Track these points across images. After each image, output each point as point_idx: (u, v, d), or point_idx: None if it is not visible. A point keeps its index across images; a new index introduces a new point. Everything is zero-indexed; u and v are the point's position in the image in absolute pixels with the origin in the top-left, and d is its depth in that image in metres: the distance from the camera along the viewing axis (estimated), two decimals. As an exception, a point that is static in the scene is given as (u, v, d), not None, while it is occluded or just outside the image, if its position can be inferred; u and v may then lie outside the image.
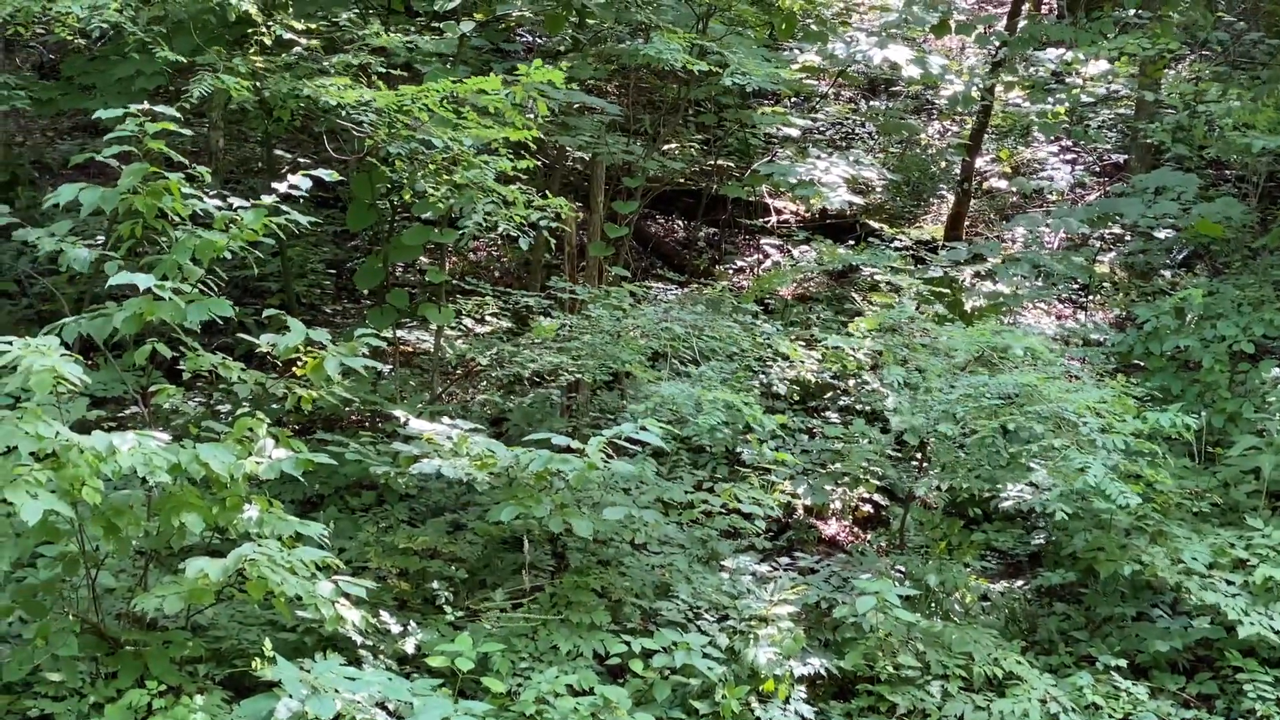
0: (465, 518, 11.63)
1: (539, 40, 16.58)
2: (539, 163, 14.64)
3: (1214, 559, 11.33)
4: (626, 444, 10.22)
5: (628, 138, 13.83)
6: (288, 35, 9.99)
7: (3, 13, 9.79)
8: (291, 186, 9.16)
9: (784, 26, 14.60)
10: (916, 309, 13.18)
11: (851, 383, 12.02)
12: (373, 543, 11.15)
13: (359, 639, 9.67)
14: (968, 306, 14.49)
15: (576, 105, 13.96)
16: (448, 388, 12.46)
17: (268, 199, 9.17)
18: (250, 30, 9.61)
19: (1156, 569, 11.07)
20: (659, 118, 14.31)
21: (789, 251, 18.06)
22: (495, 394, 12.40)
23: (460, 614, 10.30)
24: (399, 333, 13.99)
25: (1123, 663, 11.02)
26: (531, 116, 10.43)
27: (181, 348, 9.48)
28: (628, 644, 9.96)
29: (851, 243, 16.56)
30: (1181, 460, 12.61)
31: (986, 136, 19.30)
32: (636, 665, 9.91)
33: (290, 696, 8.55)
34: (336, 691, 8.65)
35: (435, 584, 10.45)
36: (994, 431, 10.80)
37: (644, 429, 9.81)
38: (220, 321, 9.24)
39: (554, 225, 10.71)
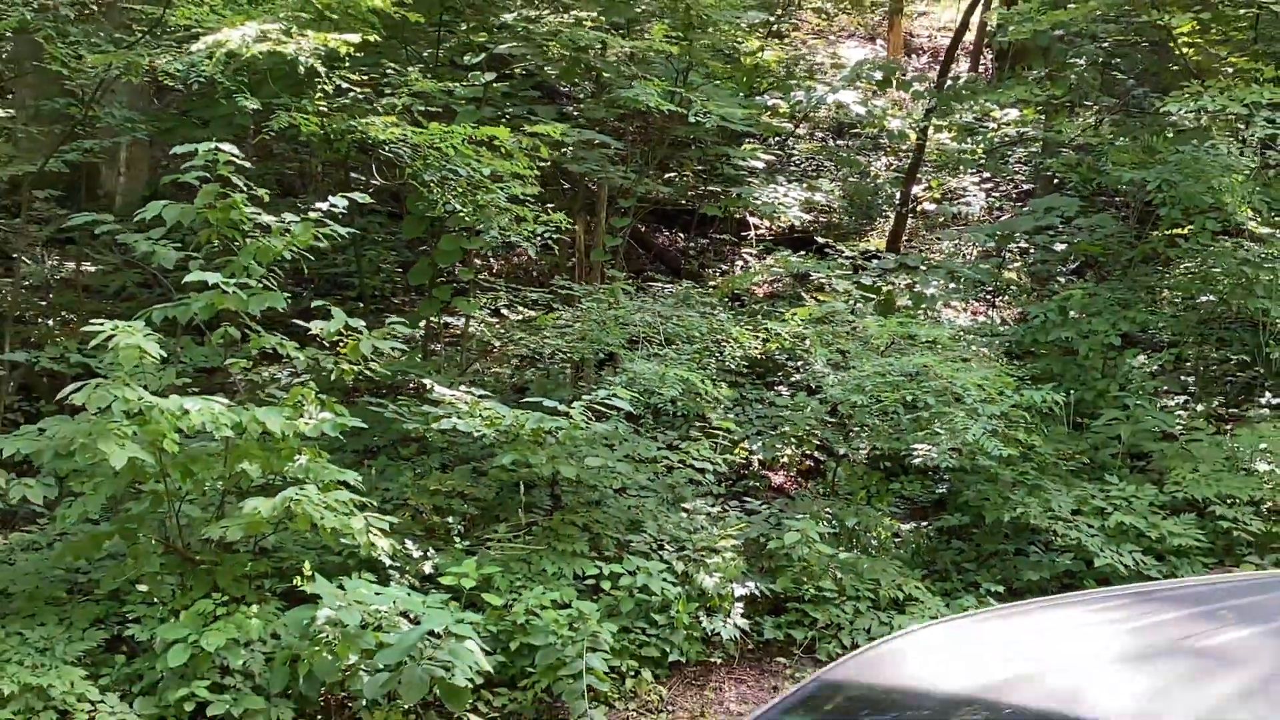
0: (485, 466, 11.51)
1: (563, 85, 16.41)
2: (562, 185, 14.62)
3: (1078, 507, 11.23)
4: (605, 408, 10.11)
5: (625, 166, 13.67)
6: (344, 84, 9.82)
7: (118, 65, 9.67)
8: (331, 205, 9.05)
9: (744, 79, 14.41)
10: (852, 306, 13.08)
11: (800, 362, 11.81)
12: (410, 484, 11.04)
13: (388, 561, 9.58)
14: (897, 305, 14.31)
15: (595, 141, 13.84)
16: (474, 362, 12.30)
17: (313, 214, 9.08)
18: (315, 79, 9.48)
19: (1030, 515, 10.92)
20: (649, 150, 14.12)
21: (760, 259, 17.90)
22: (509, 368, 12.22)
23: (471, 543, 10.21)
24: (446, 319, 13.91)
25: (1001, 589, 10.89)
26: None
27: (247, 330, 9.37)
28: (600, 569, 9.86)
29: (803, 253, 16.36)
30: (1060, 429, 12.48)
31: (922, 169, 19.10)
32: (606, 585, 9.80)
33: (326, 607, 8.53)
34: (362, 604, 8.59)
35: (451, 519, 10.36)
36: (896, 402, 10.67)
37: (615, 396, 9.73)
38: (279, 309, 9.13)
39: (556, 236, 10.61)
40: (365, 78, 10.69)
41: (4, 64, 12.09)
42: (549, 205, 11.49)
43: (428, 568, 9.78)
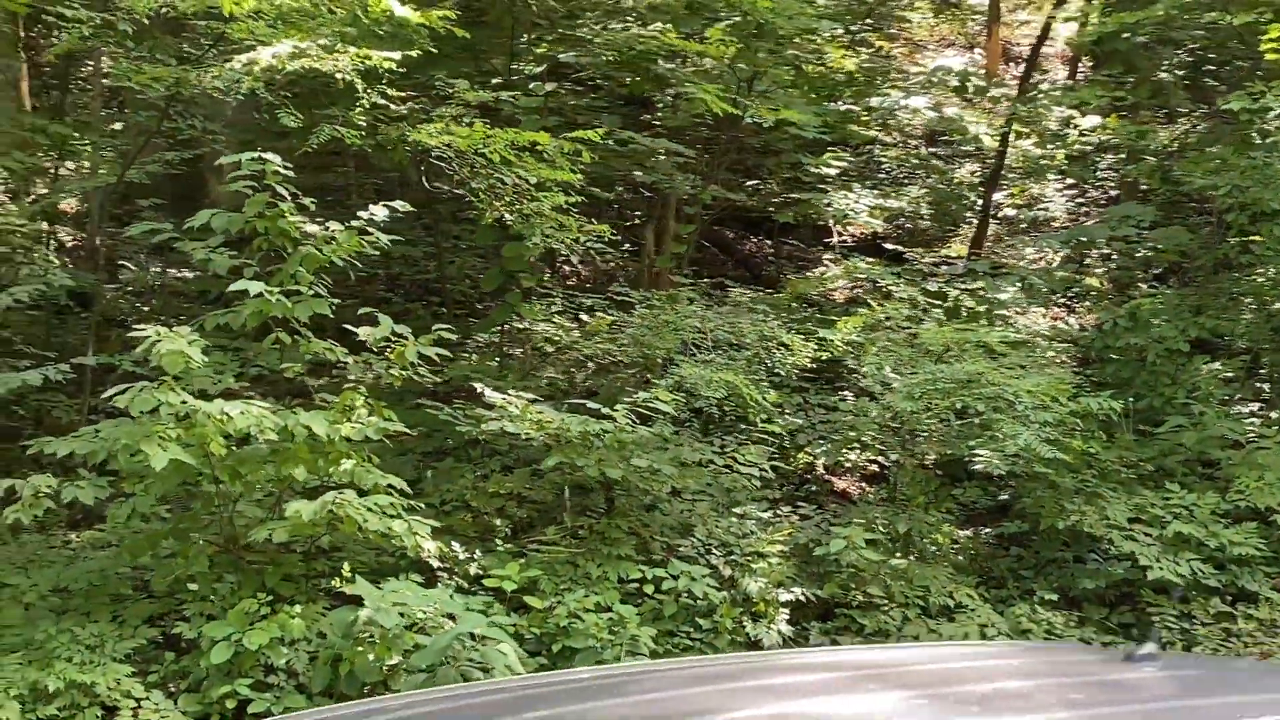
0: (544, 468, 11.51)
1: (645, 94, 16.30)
2: (629, 192, 14.57)
3: (1136, 515, 10.94)
4: (650, 412, 10.05)
5: (694, 174, 13.58)
6: (382, 99, 9.85)
7: (170, 80, 9.80)
8: (372, 214, 9.09)
9: (805, 86, 14.23)
10: (913, 312, 12.91)
11: (865, 367, 11.61)
12: (470, 486, 11.05)
13: (435, 564, 9.60)
14: (966, 311, 14.04)
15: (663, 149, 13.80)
16: (536, 366, 12.25)
17: (355, 223, 9.12)
18: (355, 94, 9.53)
19: (1086, 523, 10.67)
20: (716, 158, 14.01)
21: (841, 264, 17.68)
22: (584, 373, 12.14)
23: (521, 545, 10.20)
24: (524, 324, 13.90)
25: (1055, 596, 10.69)
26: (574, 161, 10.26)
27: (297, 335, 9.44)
28: (643, 572, 9.78)
29: (879, 260, 16.12)
30: (1126, 436, 12.18)
31: (1006, 176, 18.74)
32: (648, 589, 9.73)
33: (366, 608, 8.55)
34: (400, 605, 8.59)
35: (499, 521, 10.35)
36: (947, 409, 10.48)
37: (657, 399, 9.69)
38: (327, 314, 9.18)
39: (597, 245, 10.59)
40: (407, 92, 10.68)
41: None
42: (615, 211, 11.46)
43: (474, 569, 9.73)
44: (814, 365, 12.27)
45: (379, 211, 9.03)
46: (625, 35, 11.50)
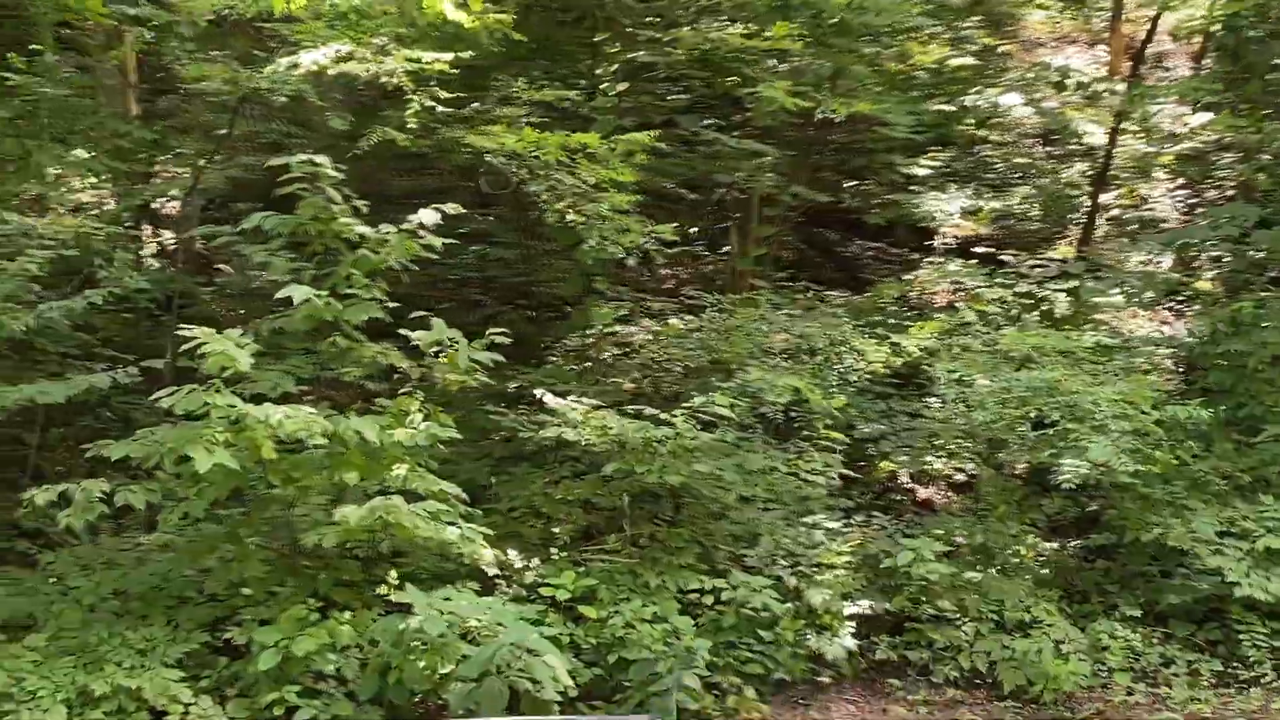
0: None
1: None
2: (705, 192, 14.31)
3: (1227, 529, 10.46)
4: (713, 418, 9.83)
5: (779, 175, 13.31)
6: (431, 101, 9.73)
7: (221, 79, 9.78)
8: (422, 221, 9.00)
9: (888, 84, 13.86)
10: (1015, 316, 12.52)
11: (938, 374, 11.23)
12: (539, 492, 10.88)
13: (492, 571, 9.46)
14: (1060, 314, 13.58)
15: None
16: (604, 371, 12.04)
17: (406, 226, 9.02)
18: (404, 96, 9.44)
19: (1171, 536, 10.23)
20: (797, 158, 13.72)
21: (942, 265, 17.23)
22: (631, 377, 11.90)
23: (581, 552, 10.03)
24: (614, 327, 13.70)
25: (1139, 612, 10.28)
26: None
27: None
28: (702, 582, 9.55)
29: (974, 262, 15.67)
30: (1225, 444, 11.66)
31: (1117, 175, 18.14)
32: (709, 600, 9.50)
33: (415, 616, 8.43)
34: (449, 613, 8.45)
35: (556, 529, 10.18)
36: (1019, 419, 10.11)
37: (714, 404, 9.50)
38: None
39: (656, 247, 10.39)
40: (473, 94, 10.56)
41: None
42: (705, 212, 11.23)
43: (531, 578, 9.58)
44: (898, 371, 11.92)
45: (428, 215, 8.93)
46: (692, 35, 11.26)
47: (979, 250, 16.17)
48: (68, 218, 11.70)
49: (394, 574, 8.67)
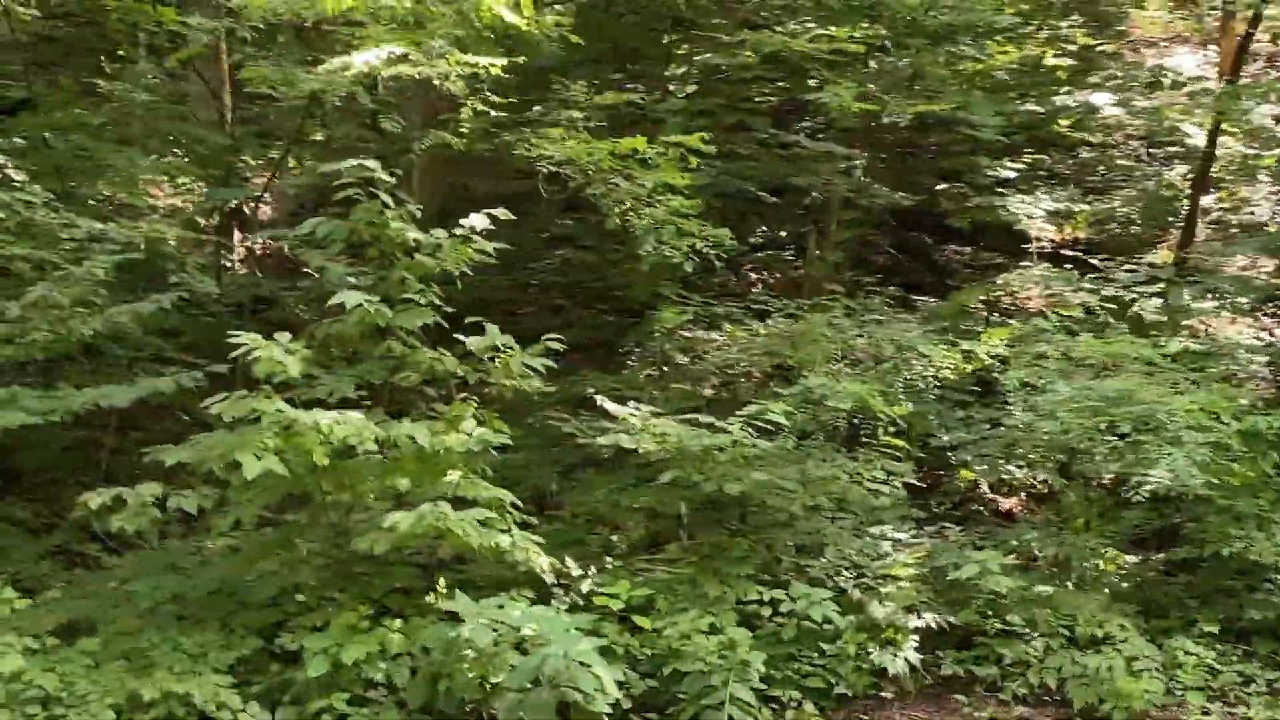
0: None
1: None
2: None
3: (1313, 543, 10.05)
4: (771, 426, 9.65)
5: (856, 178, 13.10)
6: (483, 105, 9.67)
7: (270, 80, 9.78)
8: (475, 222, 8.93)
9: (968, 85, 13.56)
10: (1102, 323, 12.21)
11: (1006, 383, 10.92)
12: (606, 499, 10.76)
13: (549, 579, 9.34)
14: (1148, 320, 13.20)
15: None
16: (673, 378, 11.88)
17: (459, 231, 8.96)
18: (458, 104, 9.39)
19: (1253, 550, 9.87)
20: (884, 159, 13.50)
21: (1029, 270, 16.84)
22: (694, 382, 11.74)
23: (641, 562, 9.89)
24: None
25: (1217, 629, 9.90)
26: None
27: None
28: (760, 595, 9.37)
29: (1069, 265, 15.27)
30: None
31: (1217, 177, 17.63)
32: (766, 611, 9.31)
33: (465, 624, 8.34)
34: (496, 622, 8.35)
35: (614, 536, 10.07)
36: (1091, 430, 9.79)
37: (768, 412, 9.33)
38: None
39: (715, 252, 10.23)
40: (512, 100, 10.49)
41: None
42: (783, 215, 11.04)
43: (586, 586, 9.45)
44: (980, 378, 11.63)
45: (479, 220, 8.86)
46: (761, 37, 11.08)
47: (1071, 254, 15.81)
48: (141, 222, 11.71)
49: (443, 582, 8.53)
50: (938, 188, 17.37)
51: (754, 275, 16.58)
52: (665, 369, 11.91)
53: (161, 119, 12.73)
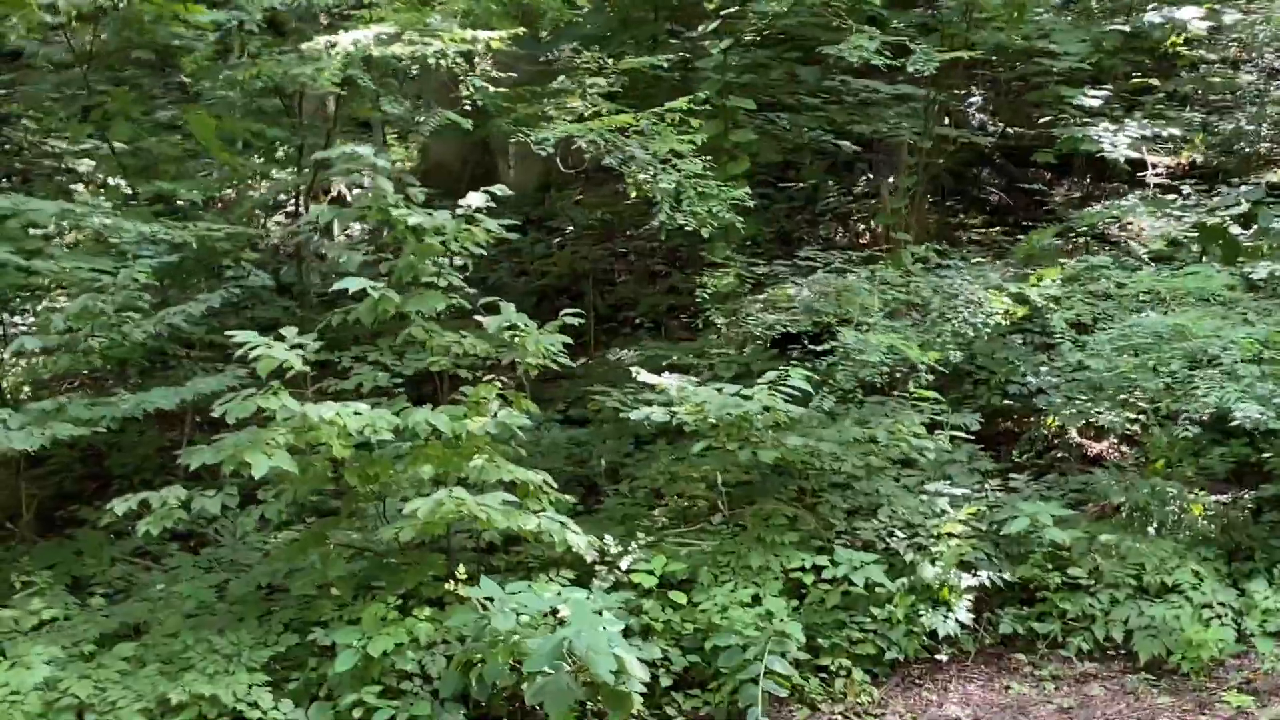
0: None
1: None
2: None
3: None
4: (793, 390, 9.33)
5: (921, 120, 12.65)
6: (482, 82, 9.48)
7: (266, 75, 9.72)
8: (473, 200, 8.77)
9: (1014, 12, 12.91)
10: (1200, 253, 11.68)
11: (1053, 323, 10.42)
12: (663, 471, 10.54)
13: (589, 557, 9.18)
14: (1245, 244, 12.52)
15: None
16: (717, 340, 11.59)
17: (460, 212, 8.80)
18: (458, 79, 9.23)
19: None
20: (935, 101, 13.01)
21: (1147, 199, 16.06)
22: (737, 346, 11.41)
23: (684, 535, 9.68)
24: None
25: (1295, 571, 9.37)
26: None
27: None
28: (802, 561, 9.08)
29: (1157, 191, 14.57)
30: None
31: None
32: (808, 579, 9.03)
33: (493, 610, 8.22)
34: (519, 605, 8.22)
35: (655, 510, 9.87)
36: (1138, 368, 9.30)
37: (789, 376, 9.03)
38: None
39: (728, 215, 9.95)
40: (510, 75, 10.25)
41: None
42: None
43: (626, 563, 9.26)
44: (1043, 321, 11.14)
45: (477, 199, 8.70)
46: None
47: (1156, 181, 15.13)
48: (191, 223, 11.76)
49: (462, 569, 8.41)
50: (1040, 121, 16.82)
51: (841, 229, 16.21)
52: (712, 335, 11.62)
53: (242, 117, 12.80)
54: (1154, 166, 17.30)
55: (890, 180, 13.28)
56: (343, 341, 9.60)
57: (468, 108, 9.56)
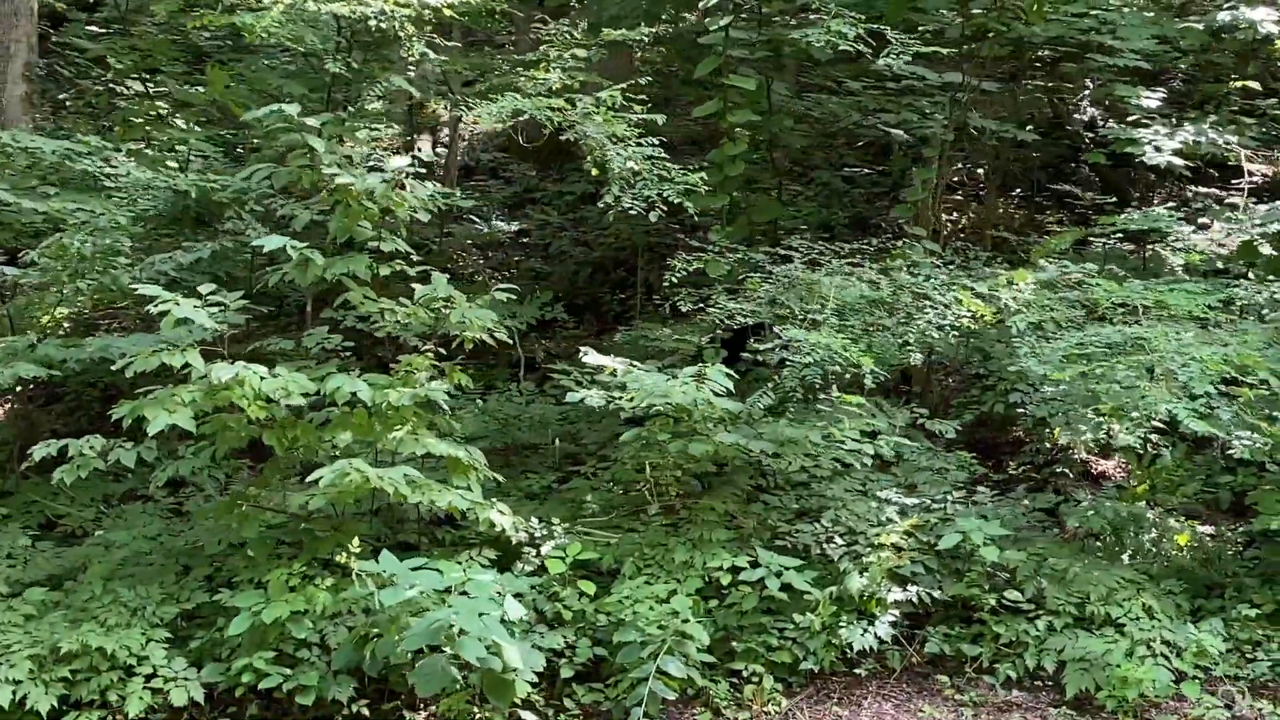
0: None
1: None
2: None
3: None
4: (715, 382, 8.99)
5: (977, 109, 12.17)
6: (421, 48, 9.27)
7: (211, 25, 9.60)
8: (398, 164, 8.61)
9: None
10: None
11: (1012, 329, 9.90)
12: (627, 459, 10.28)
13: (516, 538, 9.00)
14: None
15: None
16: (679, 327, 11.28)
17: (388, 176, 8.65)
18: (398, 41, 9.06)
19: (1304, 524, 8.76)
20: (961, 88, 12.50)
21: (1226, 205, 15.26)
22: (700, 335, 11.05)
23: (616, 523, 9.46)
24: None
25: (1254, 612, 8.84)
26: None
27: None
28: (721, 561, 8.79)
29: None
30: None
31: None
32: (725, 579, 8.72)
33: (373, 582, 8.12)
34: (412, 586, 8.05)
35: (589, 496, 9.65)
36: (1073, 378, 8.85)
37: (713, 370, 8.76)
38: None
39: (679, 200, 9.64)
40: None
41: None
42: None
43: (548, 549, 9.05)
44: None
45: (400, 161, 8.54)
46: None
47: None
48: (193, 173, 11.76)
49: (356, 542, 8.27)
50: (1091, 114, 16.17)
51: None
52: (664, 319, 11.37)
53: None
54: (1250, 174, 16.52)
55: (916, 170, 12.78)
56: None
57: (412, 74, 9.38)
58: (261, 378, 8.23)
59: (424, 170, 9.21)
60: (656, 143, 9.69)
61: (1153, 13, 14.10)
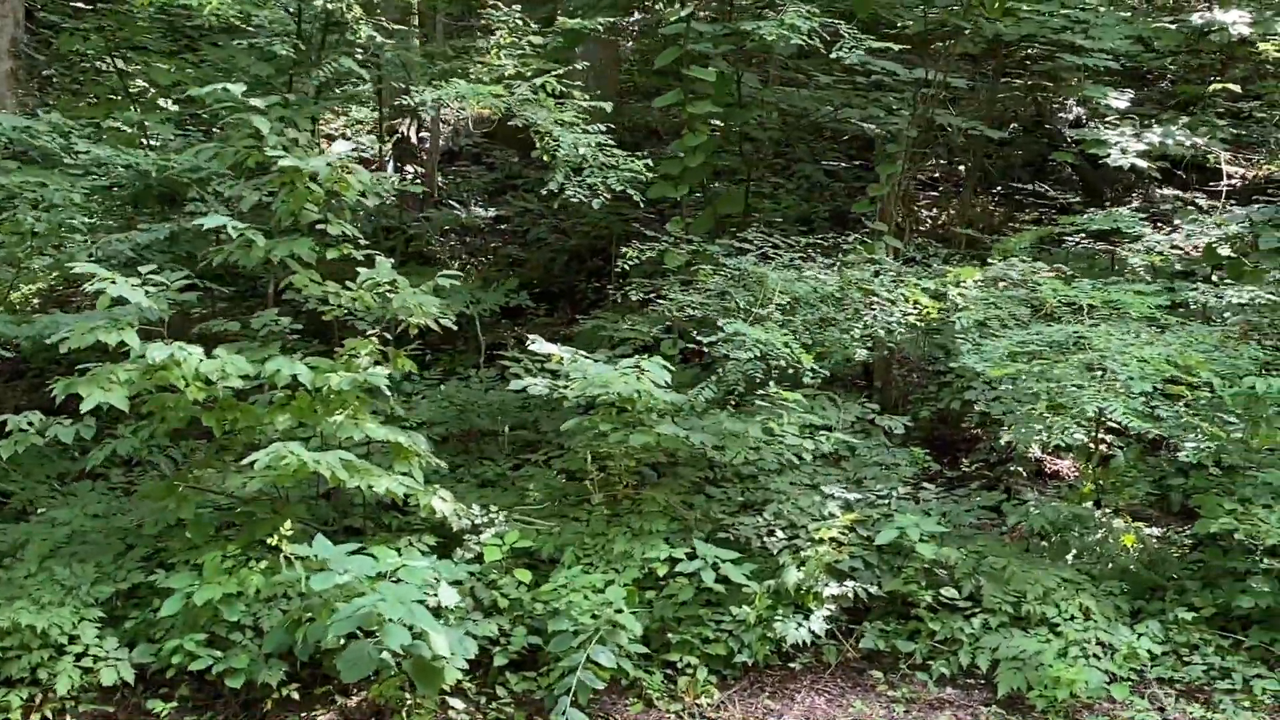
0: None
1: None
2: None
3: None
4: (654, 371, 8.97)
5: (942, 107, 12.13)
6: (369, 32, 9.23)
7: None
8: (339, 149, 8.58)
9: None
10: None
11: (956, 326, 9.86)
12: (579, 448, 10.25)
13: (456, 524, 8.99)
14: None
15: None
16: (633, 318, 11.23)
17: (330, 156, 8.61)
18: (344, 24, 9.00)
19: (1244, 528, 8.72)
20: (924, 84, 12.44)
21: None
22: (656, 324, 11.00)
23: (558, 510, 9.45)
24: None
25: (1191, 615, 8.82)
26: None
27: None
28: (657, 551, 8.77)
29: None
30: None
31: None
32: (662, 570, 8.70)
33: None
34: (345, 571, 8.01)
35: (531, 485, 9.62)
36: (1013, 375, 8.83)
37: (652, 360, 8.72)
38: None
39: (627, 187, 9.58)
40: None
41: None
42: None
43: (486, 536, 9.03)
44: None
45: (341, 146, 8.51)
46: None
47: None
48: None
49: (287, 525, 8.25)
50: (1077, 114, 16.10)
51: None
52: (619, 309, 11.32)
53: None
54: (1229, 177, 16.46)
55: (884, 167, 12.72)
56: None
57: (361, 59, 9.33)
58: (200, 359, 8.22)
59: (376, 156, 9.14)
60: (604, 129, 9.64)
61: (1128, 13, 14.07)
